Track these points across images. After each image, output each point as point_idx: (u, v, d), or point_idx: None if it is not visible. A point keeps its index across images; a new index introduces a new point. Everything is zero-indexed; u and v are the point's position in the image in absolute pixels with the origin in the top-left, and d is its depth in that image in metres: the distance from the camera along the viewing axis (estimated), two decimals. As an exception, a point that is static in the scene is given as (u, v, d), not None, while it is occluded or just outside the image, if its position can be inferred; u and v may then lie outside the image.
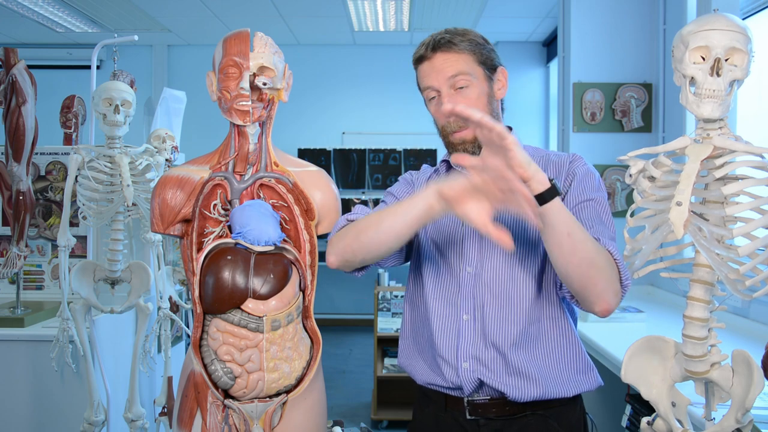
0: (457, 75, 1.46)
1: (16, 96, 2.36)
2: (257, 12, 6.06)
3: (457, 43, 1.47)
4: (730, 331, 2.21)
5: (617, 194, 3.46)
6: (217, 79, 1.42)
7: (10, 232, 2.53)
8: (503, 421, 1.47)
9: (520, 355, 1.45)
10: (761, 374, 1.11)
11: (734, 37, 1.09)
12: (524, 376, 1.44)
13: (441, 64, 1.47)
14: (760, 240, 1.07)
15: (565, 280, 1.32)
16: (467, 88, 1.46)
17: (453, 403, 1.51)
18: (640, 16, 3.53)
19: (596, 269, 1.28)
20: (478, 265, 1.48)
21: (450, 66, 1.46)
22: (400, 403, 4.31)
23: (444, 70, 1.47)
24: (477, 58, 1.48)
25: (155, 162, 2.44)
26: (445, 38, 1.47)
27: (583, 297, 1.32)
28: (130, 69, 3.11)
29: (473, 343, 1.48)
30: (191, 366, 1.41)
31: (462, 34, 1.49)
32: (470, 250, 1.49)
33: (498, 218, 1.47)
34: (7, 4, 5.57)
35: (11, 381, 2.66)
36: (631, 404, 2.37)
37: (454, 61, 1.46)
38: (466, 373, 1.47)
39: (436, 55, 1.47)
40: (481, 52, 1.49)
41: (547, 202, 1.21)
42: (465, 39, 1.48)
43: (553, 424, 1.47)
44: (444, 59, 1.47)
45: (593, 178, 1.49)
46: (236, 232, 1.36)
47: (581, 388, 1.49)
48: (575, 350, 1.50)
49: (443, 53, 1.47)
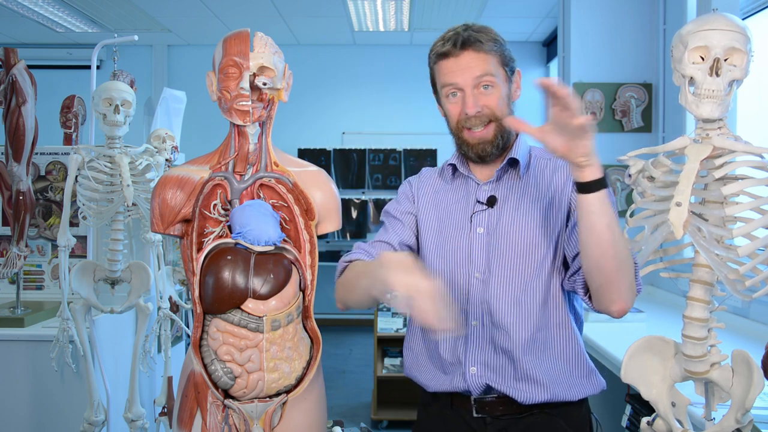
0: (485, 75, 1.46)
1: (16, 96, 2.36)
2: (257, 12, 6.06)
3: (485, 42, 1.46)
4: (730, 331, 2.21)
5: (617, 194, 3.47)
6: (217, 79, 1.42)
7: (10, 232, 2.53)
8: (509, 419, 1.47)
9: (528, 361, 1.45)
10: (761, 374, 1.11)
11: (733, 37, 1.09)
12: (532, 380, 1.45)
13: (468, 62, 1.46)
14: (759, 240, 1.07)
15: (593, 273, 1.32)
16: (491, 88, 1.46)
17: (459, 401, 1.51)
18: (640, 16, 3.53)
19: (625, 267, 1.30)
20: (486, 270, 1.48)
21: (478, 66, 1.45)
22: (400, 403, 4.31)
23: (472, 68, 1.46)
24: (501, 60, 1.48)
25: (155, 162, 2.44)
26: (473, 36, 1.46)
27: (604, 294, 1.33)
28: (130, 69, 3.11)
29: (481, 349, 1.48)
30: (191, 366, 1.41)
31: (485, 32, 1.48)
32: (478, 257, 1.49)
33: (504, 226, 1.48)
34: (7, 4, 5.57)
35: (11, 381, 2.66)
36: (631, 404, 2.37)
37: (482, 61, 1.46)
38: (473, 378, 1.47)
39: (464, 53, 1.46)
40: (503, 54, 1.49)
41: (593, 192, 1.23)
42: (490, 38, 1.48)
43: (560, 422, 1.47)
44: (472, 58, 1.46)
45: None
46: (236, 232, 1.36)
47: (587, 392, 1.50)
48: (581, 356, 1.51)
49: (472, 52, 1.46)
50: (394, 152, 7.20)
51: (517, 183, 1.52)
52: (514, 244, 1.47)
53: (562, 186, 1.49)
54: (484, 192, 1.53)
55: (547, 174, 1.52)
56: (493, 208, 1.51)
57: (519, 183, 1.52)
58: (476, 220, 1.51)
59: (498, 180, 1.53)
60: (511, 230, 1.48)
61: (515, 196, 1.51)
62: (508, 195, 1.51)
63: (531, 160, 1.55)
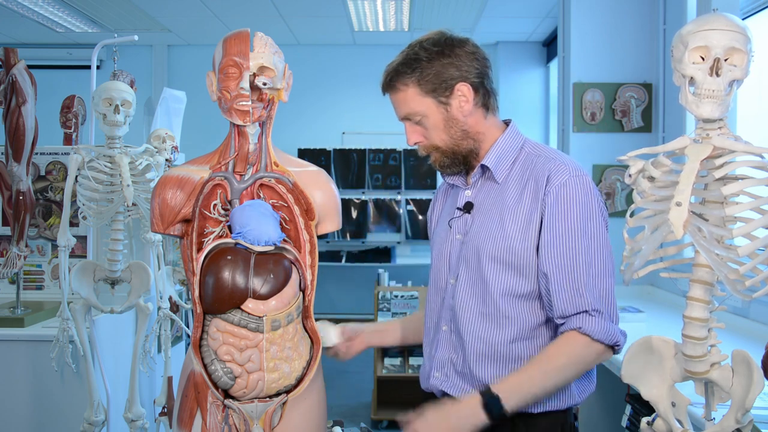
0: (407, 117, 1.49)
1: (16, 96, 2.36)
2: (257, 12, 6.06)
3: (398, 83, 1.47)
4: (730, 331, 2.20)
5: (617, 194, 3.46)
6: (217, 79, 1.42)
7: (10, 232, 2.53)
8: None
9: (487, 371, 1.43)
10: (761, 374, 1.11)
11: (734, 37, 1.09)
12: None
13: (393, 103, 1.51)
14: (760, 240, 1.07)
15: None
16: (421, 121, 1.47)
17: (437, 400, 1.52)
18: (640, 16, 3.53)
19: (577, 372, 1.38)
20: (456, 276, 1.49)
21: (399, 108, 1.50)
22: (400, 403, 4.30)
23: (396, 109, 1.51)
24: (424, 90, 1.45)
25: (155, 162, 2.44)
26: (387, 78, 1.49)
27: None
28: (130, 69, 3.11)
29: (446, 354, 1.49)
30: (191, 366, 1.41)
31: (410, 60, 1.45)
32: (455, 263, 1.50)
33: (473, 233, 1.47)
34: (7, 4, 5.56)
35: (11, 381, 2.66)
36: (631, 404, 2.37)
37: (401, 102, 1.48)
38: (435, 381, 1.50)
39: (388, 94, 1.52)
40: (427, 80, 1.44)
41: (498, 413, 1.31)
42: (409, 69, 1.44)
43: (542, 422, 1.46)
44: (394, 100, 1.50)
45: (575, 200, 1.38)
46: (236, 232, 1.36)
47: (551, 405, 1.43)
48: None
49: (391, 93, 1.50)
50: (394, 152, 7.20)
51: (494, 188, 1.48)
52: (477, 252, 1.44)
53: (531, 200, 1.41)
54: (464, 197, 1.53)
55: (524, 178, 1.44)
56: (469, 213, 1.50)
57: (496, 188, 1.47)
58: (455, 226, 1.52)
59: (476, 186, 1.52)
60: (478, 237, 1.45)
61: (489, 203, 1.48)
62: (483, 201, 1.49)
63: (518, 158, 1.48)
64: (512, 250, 1.40)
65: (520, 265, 1.41)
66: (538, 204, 1.40)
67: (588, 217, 1.38)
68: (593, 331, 1.32)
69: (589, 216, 1.38)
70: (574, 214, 1.37)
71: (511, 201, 1.43)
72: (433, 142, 1.48)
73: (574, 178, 1.39)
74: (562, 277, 1.35)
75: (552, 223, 1.37)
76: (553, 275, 1.36)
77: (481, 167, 1.49)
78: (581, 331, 1.33)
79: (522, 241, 1.40)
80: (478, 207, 1.49)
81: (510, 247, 1.40)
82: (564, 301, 1.35)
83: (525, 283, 1.41)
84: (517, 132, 1.52)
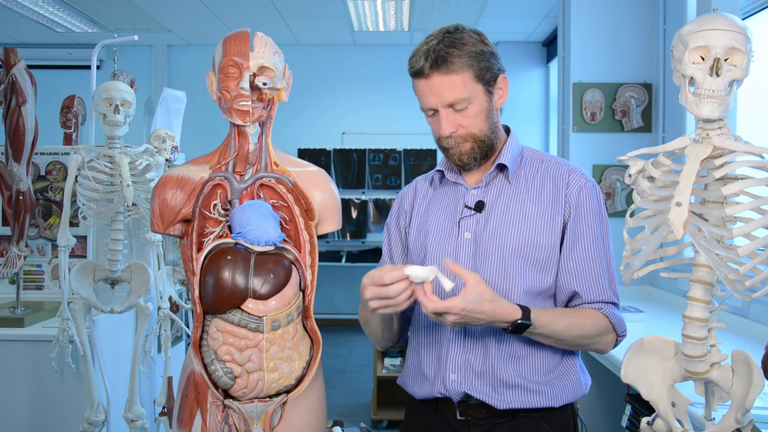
0: (455, 102, 1.42)
1: (16, 96, 2.36)
2: (257, 12, 6.06)
3: (456, 61, 1.40)
4: (730, 331, 2.21)
5: (617, 194, 3.47)
6: (217, 79, 1.42)
7: (10, 232, 2.53)
8: (493, 423, 1.47)
9: (507, 369, 1.46)
10: (761, 374, 1.11)
11: (734, 37, 1.09)
12: (511, 388, 1.45)
13: (439, 87, 1.42)
14: (760, 240, 1.06)
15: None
16: (466, 108, 1.44)
17: (444, 404, 1.52)
18: (640, 16, 3.53)
19: (587, 341, 1.45)
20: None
21: (448, 91, 1.41)
22: (400, 403, 4.29)
23: (442, 94, 1.42)
24: (475, 75, 1.42)
25: (155, 162, 2.44)
26: (442, 55, 1.40)
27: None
28: (130, 69, 3.11)
29: (462, 355, 1.48)
30: (191, 366, 1.41)
31: (459, 45, 1.41)
32: (464, 262, 1.49)
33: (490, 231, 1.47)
34: (7, 4, 5.57)
35: (11, 381, 2.66)
36: (631, 404, 2.37)
37: (452, 86, 1.41)
38: (453, 384, 1.48)
39: (433, 76, 1.41)
40: (479, 66, 1.42)
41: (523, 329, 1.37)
42: (464, 53, 1.41)
43: (543, 425, 1.47)
44: (442, 82, 1.41)
45: (593, 204, 1.49)
46: (236, 232, 1.36)
47: (568, 398, 1.50)
48: (565, 362, 1.50)
49: (441, 75, 1.41)
50: (394, 152, 7.20)
51: (506, 188, 1.51)
52: (500, 249, 1.47)
53: (552, 201, 1.48)
54: (473, 197, 1.52)
55: (538, 180, 1.51)
56: (481, 213, 1.50)
57: (508, 188, 1.51)
58: (464, 224, 1.51)
59: (487, 185, 1.52)
60: (497, 236, 1.47)
61: (503, 202, 1.50)
62: (496, 200, 1.50)
63: (522, 161, 1.54)
64: (539, 245, 1.47)
65: (544, 262, 1.47)
66: (560, 205, 1.48)
67: (602, 219, 1.51)
68: (615, 322, 1.47)
69: (603, 217, 1.51)
70: (595, 216, 1.49)
71: (529, 201, 1.49)
72: (470, 131, 1.45)
73: (588, 182, 1.51)
74: (589, 272, 1.46)
75: (577, 224, 1.48)
76: (579, 272, 1.47)
77: (498, 166, 1.51)
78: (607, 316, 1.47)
79: (548, 238, 1.47)
80: (491, 206, 1.50)
81: (537, 243, 1.46)
82: (592, 295, 1.47)
83: (546, 279, 1.48)
84: (515, 136, 1.58)
